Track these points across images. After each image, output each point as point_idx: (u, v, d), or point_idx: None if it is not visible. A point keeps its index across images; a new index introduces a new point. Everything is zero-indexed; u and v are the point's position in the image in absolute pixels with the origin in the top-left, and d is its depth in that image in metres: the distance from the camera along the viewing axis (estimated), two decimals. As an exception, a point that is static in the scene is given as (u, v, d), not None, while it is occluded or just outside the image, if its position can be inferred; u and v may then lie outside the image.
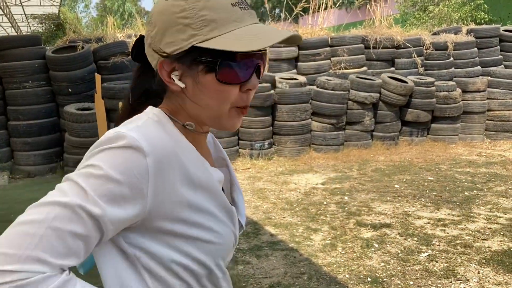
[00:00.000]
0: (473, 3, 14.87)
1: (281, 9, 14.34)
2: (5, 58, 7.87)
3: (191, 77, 0.88)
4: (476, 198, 5.69)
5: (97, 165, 0.79)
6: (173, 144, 0.87)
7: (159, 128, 0.87)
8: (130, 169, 0.79)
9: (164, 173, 0.83)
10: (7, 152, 7.99)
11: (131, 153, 0.80)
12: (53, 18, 14.39)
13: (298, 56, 9.05)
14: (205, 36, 0.84)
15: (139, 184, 0.80)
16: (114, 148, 0.80)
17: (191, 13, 0.85)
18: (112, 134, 0.82)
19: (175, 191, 0.85)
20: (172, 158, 0.85)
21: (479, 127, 9.39)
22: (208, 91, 0.88)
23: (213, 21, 0.84)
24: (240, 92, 0.90)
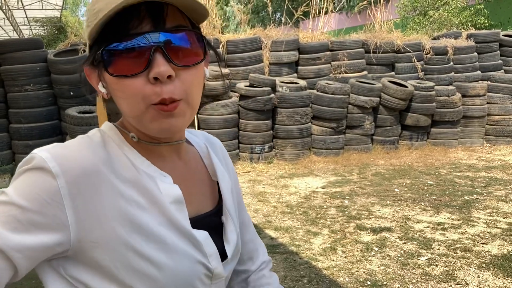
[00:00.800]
0: (473, 8, 14.93)
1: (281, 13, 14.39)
2: (7, 61, 7.91)
3: (104, 79, 0.80)
4: (476, 202, 5.71)
5: (6, 191, 0.73)
6: (104, 165, 0.77)
7: (87, 145, 0.78)
8: (38, 193, 0.71)
9: (85, 194, 0.73)
10: (8, 154, 8.01)
11: (38, 175, 0.72)
12: (54, 21, 14.48)
13: (298, 60, 9.08)
14: (93, 28, 0.75)
15: (52, 209, 0.71)
16: (23, 170, 0.74)
17: (88, 11, 0.78)
18: (26, 157, 0.76)
19: (106, 214, 0.74)
20: (97, 182, 0.75)
21: (478, 131, 9.41)
22: (114, 91, 0.78)
23: (100, 11, 0.74)
24: (150, 84, 0.74)
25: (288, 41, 8.86)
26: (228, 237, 0.92)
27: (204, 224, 0.87)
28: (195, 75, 0.80)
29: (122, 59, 0.74)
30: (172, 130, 0.79)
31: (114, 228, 0.75)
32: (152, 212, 0.78)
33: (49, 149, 0.75)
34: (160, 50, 0.74)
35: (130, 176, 0.79)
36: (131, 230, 0.76)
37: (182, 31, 0.77)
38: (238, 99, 8.09)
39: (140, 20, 0.74)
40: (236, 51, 8.62)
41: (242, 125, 8.11)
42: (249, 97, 7.94)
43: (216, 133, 7.80)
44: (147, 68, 0.74)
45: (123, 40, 0.74)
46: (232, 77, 8.32)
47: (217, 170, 0.97)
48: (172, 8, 0.76)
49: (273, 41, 8.89)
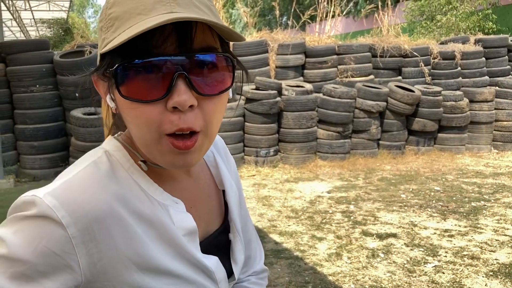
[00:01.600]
0: (481, 13, 14.84)
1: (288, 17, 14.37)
2: (13, 62, 7.92)
3: (114, 95, 0.71)
4: (483, 209, 5.63)
5: (4, 239, 0.65)
6: (117, 200, 0.70)
7: (96, 180, 0.70)
8: (46, 246, 0.64)
9: (98, 239, 0.68)
10: (13, 155, 8.02)
11: (45, 225, 0.65)
12: (61, 23, 14.52)
13: (304, 64, 9.04)
14: (109, 38, 0.67)
15: (62, 260, 0.65)
16: (24, 217, 0.66)
17: (104, 14, 0.70)
18: (25, 198, 0.68)
19: (119, 255, 0.69)
20: (111, 225, 0.69)
21: (486, 137, 9.33)
22: (124, 112, 0.70)
23: (117, 19, 0.67)
24: (167, 112, 0.66)
25: (294, 44, 8.83)
26: (236, 258, 0.88)
27: (213, 246, 0.84)
28: (218, 103, 0.71)
29: (138, 80, 0.65)
30: (187, 166, 0.71)
31: (127, 268, 0.70)
32: (164, 246, 0.74)
33: (55, 193, 0.67)
34: (183, 76, 0.65)
35: (143, 208, 0.73)
36: (144, 268, 0.71)
37: (211, 55, 0.68)
38: (244, 102, 8.05)
39: (165, 38, 0.65)
40: (242, 54, 8.59)
41: (247, 128, 8.08)
42: (255, 100, 7.90)
43: (221, 136, 7.71)
44: (167, 95, 0.65)
45: (143, 58, 0.65)
46: (237, 80, 8.27)
47: (224, 181, 0.92)
48: (202, 25, 0.67)
49: (279, 44, 8.86)
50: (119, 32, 0.66)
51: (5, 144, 7.80)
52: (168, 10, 0.64)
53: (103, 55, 0.69)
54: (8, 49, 8.02)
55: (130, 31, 0.63)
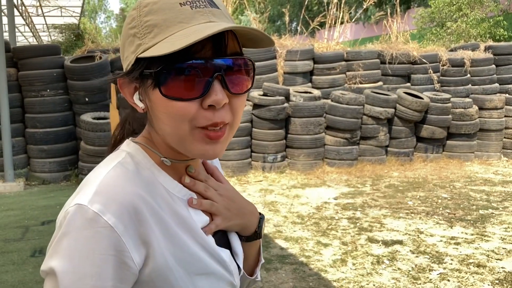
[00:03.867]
0: (492, 20, 14.77)
1: (297, 23, 14.40)
2: (25, 67, 8.03)
3: (146, 95, 0.77)
4: (491, 217, 5.59)
5: (58, 268, 0.68)
6: (146, 194, 0.75)
7: (127, 178, 0.75)
8: (101, 253, 0.69)
9: (140, 230, 0.72)
10: (23, 159, 8.11)
11: (94, 233, 0.69)
12: (73, 28, 14.71)
13: (313, 70, 9.06)
14: (147, 44, 0.73)
15: (118, 260, 0.70)
16: (75, 230, 0.69)
17: (137, 21, 0.75)
18: (70, 208, 0.71)
19: (159, 245, 0.74)
20: (147, 215, 0.73)
21: (495, 145, 9.26)
22: (160, 110, 0.75)
23: (155, 26, 0.73)
24: (202, 109, 0.74)
25: (303, 50, 8.86)
26: (236, 250, 0.93)
27: (221, 240, 0.88)
28: (243, 101, 0.80)
29: (179, 81, 0.72)
30: (215, 156, 0.78)
31: (165, 258, 0.74)
32: (189, 238, 0.79)
33: (95, 198, 0.71)
34: (219, 77, 0.74)
35: (167, 204, 0.78)
36: (179, 259, 0.76)
37: (240, 59, 0.77)
38: (251, 108, 8.08)
39: (203, 45, 0.72)
40: (251, 60, 8.62)
41: (255, 134, 8.10)
42: (262, 106, 7.93)
43: (229, 142, 7.79)
44: (205, 94, 0.73)
45: (184, 62, 0.72)
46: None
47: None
48: (231, 34, 0.76)
49: (288, 50, 8.89)
50: (159, 38, 0.72)
51: (15, 147, 7.90)
52: (207, 19, 0.73)
53: (139, 59, 0.74)
54: (20, 54, 8.13)
55: (175, 38, 0.71)
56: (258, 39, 0.80)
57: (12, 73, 8.00)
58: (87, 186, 0.74)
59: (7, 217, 5.92)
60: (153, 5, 0.74)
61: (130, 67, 0.76)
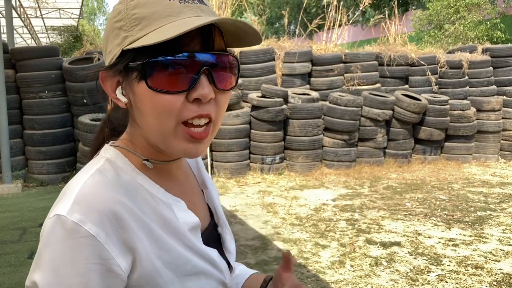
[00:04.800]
0: (490, 22, 14.81)
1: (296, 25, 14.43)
2: (23, 68, 8.03)
3: (130, 89, 0.75)
4: (489, 218, 5.60)
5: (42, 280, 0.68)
6: (128, 199, 0.74)
7: (107, 185, 0.73)
8: (86, 263, 0.68)
9: (125, 237, 0.71)
10: (21, 160, 8.10)
11: (76, 243, 0.68)
12: (71, 30, 14.70)
13: (311, 72, 9.07)
14: (134, 36, 0.73)
15: (104, 268, 0.69)
16: (57, 241, 0.68)
17: (124, 14, 0.75)
18: (49, 221, 0.70)
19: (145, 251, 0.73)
20: (130, 221, 0.72)
21: (493, 146, 9.27)
22: (145, 104, 0.74)
23: (143, 19, 0.73)
24: (187, 102, 0.73)
25: (301, 52, 8.87)
26: (228, 248, 0.93)
27: (209, 239, 0.88)
28: (227, 98, 0.80)
29: (166, 74, 0.72)
30: (197, 155, 0.77)
31: (152, 263, 0.74)
32: (175, 240, 0.78)
33: (74, 207, 0.69)
34: (206, 72, 0.74)
35: (151, 208, 0.77)
36: (166, 262, 0.75)
37: (226, 55, 0.77)
38: (250, 109, 8.09)
39: (191, 39, 0.72)
40: (249, 61, 8.64)
41: (253, 135, 8.10)
42: (261, 107, 7.94)
43: (227, 143, 7.81)
44: (191, 88, 0.72)
45: (172, 55, 0.71)
46: (244, 87, 8.33)
47: (207, 181, 0.98)
48: (218, 31, 0.76)
49: (286, 52, 8.90)
50: (148, 30, 0.72)
51: (13, 149, 7.89)
52: (195, 14, 0.74)
53: (124, 51, 0.74)
54: (18, 56, 8.13)
55: (164, 30, 0.70)
56: (244, 36, 0.79)
57: (10, 75, 8.00)
58: (66, 196, 0.72)
59: (4, 219, 5.91)
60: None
61: (115, 59, 0.75)
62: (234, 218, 5.75)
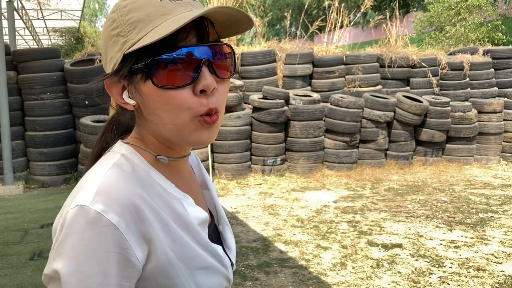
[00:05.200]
0: (491, 24, 14.81)
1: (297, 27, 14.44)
2: (25, 70, 8.04)
3: (137, 91, 0.78)
4: (491, 220, 5.59)
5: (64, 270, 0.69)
6: (145, 193, 0.76)
7: (126, 179, 0.76)
8: (107, 251, 0.69)
9: (142, 228, 0.73)
10: (23, 162, 8.11)
11: (97, 232, 0.69)
12: (73, 31, 14.72)
13: (312, 73, 9.08)
14: (133, 39, 0.75)
15: (123, 257, 0.71)
16: (79, 230, 0.69)
17: (119, 21, 0.77)
18: (74, 212, 0.71)
19: (160, 242, 0.75)
20: (147, 213, 0.74)
21: (495, 148, 9.27)
22: (154, 102, 0.77)
23: (139, 21, 0.76)
24: (195, 96, 0.76)
25: (302, 54, 8.88)
26: (229, 244, 0.96)
27: (213, 236, 0.90)
28: (227, 86, 0.83)
29: (169, 70, 0.75)
30: (210, 141, 0.81)
31: (167, 255, 0.76)
32: (187, 234, 0.80)
33: (96, 198, 0.71)
34: (207, 63, 0.77)
35: (165, 202, 0.79)
36: (179, 254, 0.78)
37: (221, 45, 0.80)
38: (251, 111, 8.09)
39: (188, 32, 0.75)
40: (250, 63, 8.65)
41: (254, 137, 8.11)
42: (262, 109, 7.94)
43: (229, 145, 7.81)
44: (195, 80, 0.76)
45: (172, 52, 0.74)
46: (245, 89, 8.34)
47: (208, 181, 1.01)
48: (210, 23, 0.79)
49: (287, 54, 8.91)
50: (145, 32, 0.75)
51: (15, 150, 7.90)
52: (187, 9, 0.77)
53: (126, 55, 0.76)
54: (20, 57, 8.15)
55: (161, 28, 0.73)
56: (235, 24, 0.82)
57: (12, 76, 8.01)
58: (86, 187, 0.74)
59: (6, 220, 5.92)
60: (133, 4, 0.77)
61: (118, 65, 0.78)
62: (235, 219, 5.75)
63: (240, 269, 4.17)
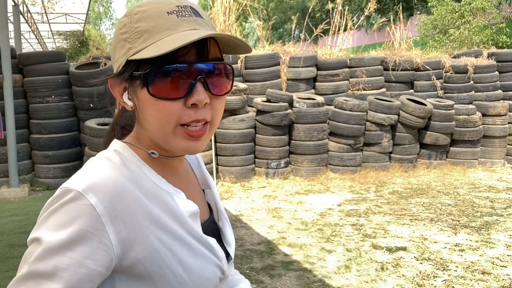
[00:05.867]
0: (495, 27, 14.79)
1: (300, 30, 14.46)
2: (30, 73, 8.08)
3: (135, 94, 0.84)
4: (496, 223, 5.58)
5: (43, 238, 0.73)
6: (131, 183, 0.80)
7: (112, 168, 0.80)
8: (81, 228, 0.73)
9: (123, 215, 0.76)
10: (28, 164, 8.14)
11: (77, 210, 0.73)
12: (77, 35, 14.78)
13: (316, 76, 9.09)
14: (137, 47, 0.80)
15: (95, 238, 0.73)
16: (59, 206, 0.75)
17: (128, 27, 0.83)
18: (57, 192, 0.77)
19: (143, 230, 0.78)
20: (130, 201, 0.78)
21: (499, 151, 9.25)
22: (147, 108, 0.82)
23: (145, 32, 0.81)
24: (185, 107, 0.81)
25: (306, 57, 8.89)
26: (228, 240, 1.00)
27: (208, 230, 0.93)
28: (222, 102, 0.87)
29: (165, 82, 0.79)
30: (196, 151, 0.85)
31: (151, 243, 0.79)
32: (175, 223, 0.83)
33: (80, 181, 0.76)
34: (202, 80, 0.81)
35: (154, 193, 0.83)
36: (165, 242, 0.81)
37: (221, 63, 0.85)
38: (255, 114, 8.10)
39: (188, 50, 0.80)
40: (254, 66, 8.67)
41: (258, 140, 8.11)
42: (266, 112, 7.95)
43: (232, 148, 7.82)
44: (188, 95, 0.80)
45: (170, 65, 0.79)
46: (249, 92, 8.35)
47: (209, 180, 1.05)
48: (213, 41, 0.84)
49: (291, 57, 8.92)
50: (148, 43, 0.80)
51: (20, 153, 7.93)
52: (191, 27, 0.81)
53: (129, 61, 0.82)
54: (25, 61, 8.19)
55: (163, 43, 0.78)
56: (237, 46, 0.87)
57: (18, 79, 8.05)
58: (76, 174, 0.80)
59: (11, 223, 5.94)
60: (143, 13, 0.82)
61: (121, 68, 0.83)
62: (239, 222, 5.76)
63: (245, 272, 4.17)
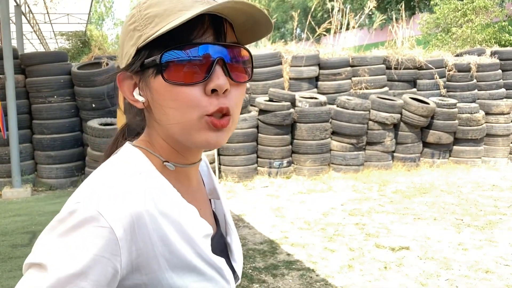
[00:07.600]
0: (497, 25, 14.74)
1: (302, 29, 14.45)
2: (33, 74, 8.09)
3: (147, 86, 0.77)
4: (499, 222, 5.56)
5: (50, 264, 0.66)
6: (148, 200, 0.74)
7: (130, 181, 0.74)
8: (97, 254, 0.66)
9: (138, 237, 0.71)
10: (31, 164, 8.16)
11: (92, 232, 0.67)
12: (80, 35, 14.80)
13: (318, 75, 9.07)
14: (148, 33, 0.74)
15: (111, 263, 0.68)
16: (73, 228, 0.67)
17: (138, 16, 0.76)
18: (69, 208, 0.69)
19: (154, 252, 0.73)
20: (148, 222, 0.72)
21: (503, 150, 9.21)
22: (163, 98, 0.75)
23: (156, 16, 0.74)
24: (206, 95, 0.74)
25: (308, 56, 8.87)
26: (235, 257, 0.93)
27: (216, 248, 0.87)
28: (242, 92, 0.80)
29: (181, 66, 0.73)
30: (218, 145, 0.77)
31: (159, 265, 0.73)
32: (187, 245, 0.77)
33: (95, 197, 0.69)
34: (221, 63, 0.74)
35: (168, 211, 0.76)
36: (174, 265, 0.75)
37: (239, 47, 0.78)
38: (257, 113, 8.10)
39: (204, 30, 0.74)
40: (256, 65, 8.65)
41: (261, 139, 8.11)
42: (268, 111, 7.94)
43: (235, 147, 7.82)
44: (207, 79, 0.73)
45: (185, 48, 0.72)
46: (251, 91, 8.34)
47: (218, 189, 0.97)
48: (229, 25, 0.77)
49: (293, 56, 8.90)
50: (160, 26, 0.73)
51: (23, 153, 7.94)
52: (204, 7, 0.72)
53: (139, 50, 0.75)
54: (27, 61, 8.20)
55: (176, 21, 0.71)
56: (254, 27, 0.79)
57: (20, 80, 8.07)
58: (91, 187, 0.73)
59: (14, 223, 5.95)
60: (153, 0, 0.76)
61: (131, 59, 0.77)
62: (242, 222, 5.75)
63: (248, 271, 4.16)
